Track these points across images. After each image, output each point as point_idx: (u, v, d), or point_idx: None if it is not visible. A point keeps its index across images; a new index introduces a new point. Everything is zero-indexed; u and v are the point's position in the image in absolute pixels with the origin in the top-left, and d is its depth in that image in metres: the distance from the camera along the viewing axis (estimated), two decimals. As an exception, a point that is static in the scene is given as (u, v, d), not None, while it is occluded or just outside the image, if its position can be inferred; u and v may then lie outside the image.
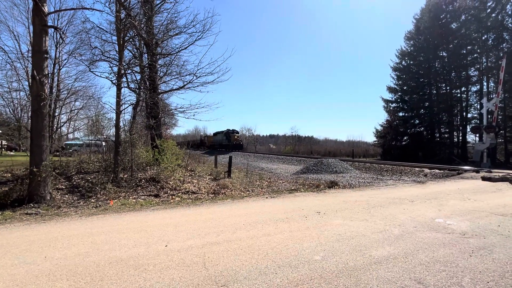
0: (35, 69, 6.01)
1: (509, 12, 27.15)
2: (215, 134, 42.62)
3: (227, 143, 37.48)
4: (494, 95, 17.50)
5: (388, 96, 32.34)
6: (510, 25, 26.61)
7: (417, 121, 30.45)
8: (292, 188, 8.89)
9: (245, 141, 52.08)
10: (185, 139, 60.29)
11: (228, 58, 10.73)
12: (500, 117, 24.52)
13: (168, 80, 11.38)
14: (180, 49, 10.32)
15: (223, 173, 11.75)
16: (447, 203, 6.05)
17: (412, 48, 31.10)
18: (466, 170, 12.32)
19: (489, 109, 16.26)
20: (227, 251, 3.21)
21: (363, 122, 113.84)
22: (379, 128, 32.47)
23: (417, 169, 13.54)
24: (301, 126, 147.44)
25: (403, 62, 31.67)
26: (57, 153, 12.83)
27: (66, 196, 6.92)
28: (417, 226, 4.24)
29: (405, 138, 30.63)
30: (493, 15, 27.08)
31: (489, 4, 27.51)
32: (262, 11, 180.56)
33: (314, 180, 10.61)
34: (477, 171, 11.76)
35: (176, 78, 10.79)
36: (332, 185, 9.05)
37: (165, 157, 9.39)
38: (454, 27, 28.19)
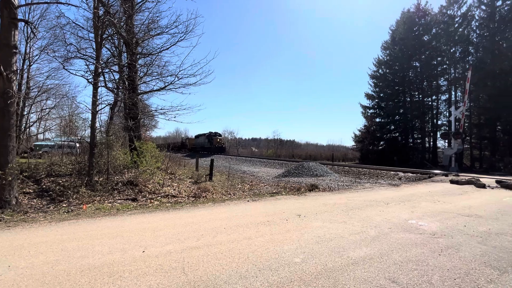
0: (2, 65, 5.62)
1: (474, 28, 29.35)
2: (197, 136, 42.02)
3: (209, 146, 37.05)
4: (461, 104, 18.77)
5: (366, 102, 33.73)
6: (475, 39, 28.77)
7: (393, 127, 31.92)
8: (274, 191, 8.95)
9: (228, 144, 51.78)
10: (165, 141, 58.84)
11: (211, 60, 10.65)
12: (466, 124, 26.32)
13: (149, 81, 11.10)
14: (162, 49, 10.12)
15: (204, 176, 11.59)
16: (419, 205, 6.37)
17: (388, 57, 32.67)
18: (436, 174, 13.07)
19: (457, 117, 17.41)
20: (207, 256, 3.17)
21: (343, 127, 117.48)
22: (358, 133, 33.70)
23: (392, 172, 14.16)
24: (283, 130, 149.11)
25: (380, 70, 33.18)
26: (25, 155, 12.02)
27: (34, 200, 6.49)
28: (391, 227, 4.43)
29: (381, 143, 31.98)
30: (460, 29, 29.16)
31: (456, 19, 29.61)
32: (246, 15, 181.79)
33: (295, 183, 10.75)
34: (446, 175, 12.52)
35: (157, 78, 10.54)
36: (313, 188, 9.22)
37: (144, 160, 9.11)
38: (426, 39, 30.01)
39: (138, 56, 10.85)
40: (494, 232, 4.25)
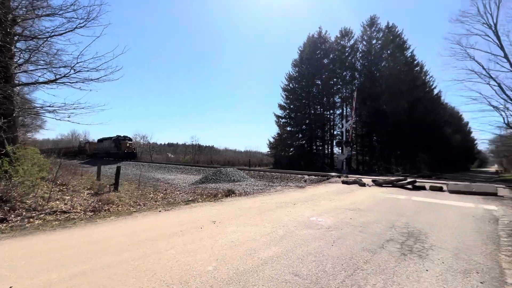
0: None
1: (358, 58, 36.62)
2: (101, 140, 36.40)
3: (116, 151, 32.66)
4: (350, 118, 23.02)
5: (279, 112, 37.03)
6: (359, 67, 35.90)
7: (301, 135, 36.11)
8: (190, 199, 8.62)
9: (139, 150, 46.95)
10: (56, 145, 48.52)
11: (119, 55, 9.28)
12: (353, 134, 32.34)
13: (32, 70, 8.89)
14: (53, 34, 8.33)
15: (108, 186, 10.09)
16: (319, 203, 7.37)
17: (297, 74, 36.98)
18: (332, 176, 15.48)
19: (347, 129, 21.23)
20: (106, 279, 2.73)
21: (260, 134, 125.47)
22: (272, 140, 36.50)
23: (299, 176, 15.92)
24: (202, 135, 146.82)
25: (291, 85, 37.17)
26: None
27: None
28: (297, 226, 4.94)
29: (291, 149, 35.62)
30: (349, 58, 35.85)
31: (347, 49, 36.28)
32: (170, 19, 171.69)
33: (212, 190, 10.66)
34: (339, 176, 14.99)
35: (45, 68, 8.57)
36: (229, 193, 9.37)
37: (21, 169, 7.19)
38: (325, 62, 35.56)
39: (17, 38, 8.61)
40: (369, 222, 5.32)
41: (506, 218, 5.88)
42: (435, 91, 38.25)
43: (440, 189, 10.16)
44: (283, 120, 36.88)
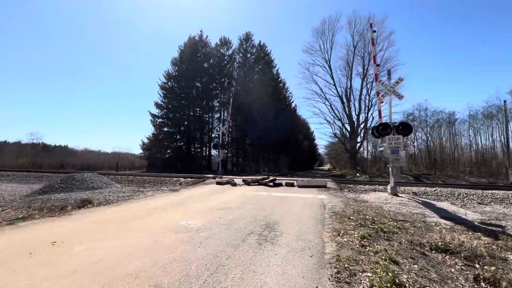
0: None
1: (235, 67, 39.68)
2: None
3: None
4: (226, 122, 24.53)
5: (156, 111, 34.35)
6: (236, 76, 38.90)
7: (179, 137, 34.97)
8: (20, 216, 6.40)
9: None
10: None
11: None
12: (229, 138, 34.60)
13: None
14: None
15: None
16: (192, 206, 7.32)
17: (177, 73, 35.67)
18: (208, 177, 15.88)
19: (223, 132, 22.45)
20: None
21: (132, 134, 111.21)
22: (146, 141, 33.30)
23: (175, 178, 15.32)
24: (48, 132, 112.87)
25: (169, 83, 35.37)
26: None
27: None
28: (165, 232, 4.66)
29: (168, 151, 33.83)
30: (228, 66, 38.24)
31: (226, 57, 38.46)
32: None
33: (59, 201, 8.42)
34: (214, 178, 15.60)
35: None
36: (84, 204, 7.70)
37: None
38: (206, 66, 36.30)
39: None
40: (237, 218, 5.78)
41: (330, 204, 7.96)
42: (293, 105, 47.26)
43: (292, 185, 12.52)
44: (160, 120, 34.52)
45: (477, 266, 4.05)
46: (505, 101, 22.27)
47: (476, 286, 3.45)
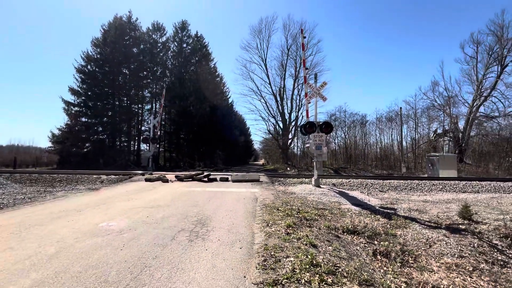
0: None
1: (170, 56, 37.30)
2: None
3: None
4: (158, 115, 22.86)
5: (70, 98, 29.30)
6: (170, 65, 36.58)
7: (101, 129, 30.84)
8: None
9: None
10: None
11: None
12: (162, 131, 32.46)
13: None
14: None
15: None
16: (114, 205, 6.60)
17: (99, 56, 31.18)
18: (136, 174, 14.56)
19: (155, 125, 20.88)
20: None
21: (37, 124, 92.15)
22: (57, 132, 28.20)
23: (95, 176, 13.50)
24: None
25: (89, 67, 30.69)
26: None
27: None
28: (78, 237, 4.08)
29: (87, 144, 29.50)
30: (161, 54, 35.60)
31: (159, 45, 35.77)
32: None
33: None
34: (143, 174, 14.40)
35: None
36: (-38, 210, 6.06)
37: None
38: (135, 51, 32.89)
39: None
40: (166, 216, 5.49)
41: (261, 197, 8.35)
42: (230, 100, 47.35)
43: (226, 180, 12.61)
44: (77, 108, 29.60)
45: (376, 242, 4.91)
46: (400, 108, 27.44)
47: (374, 258, 4.18)
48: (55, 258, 3.27)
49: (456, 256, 4.53)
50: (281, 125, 38.96)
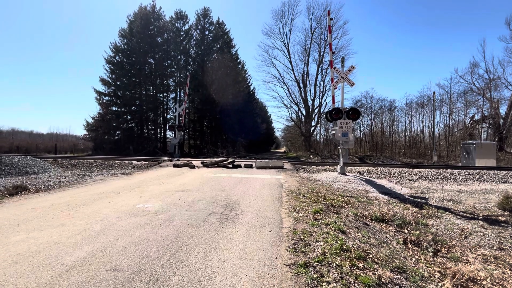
0: None
1: (192, 45, 37.53)
2: None
3: None
4: (183, 103, 23.45)
5: (102, 88, 30.93)
6: (193, 54, 36.89)
7: (129, 117, 32.35)
8: None
9: None
10: None
11: None
12: (186, 119, 33.33)
13: None
14: None
15: None
16: (147, 189, 7.02)
17: (126, 46, 32.25)
18: (164, 160, 15.24)
19: (180, 113, 21.45)
20: None
21: (73, 112, 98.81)
22: (91, 120, 30.07)
23: (126, 162, 14.34)
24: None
25: (117, 57, 31.93)
26: None
27: None
28: (119, 216, 4.43)
29: (117, 132, 31.19)
30: (184, 43, 35.93)
31: (182, 33, 36.07)
32: None
33: (-17, 188, 7.25)
34: (171, 160, 15.04)
35: None
36: (18, 190, 6.79)
37: None
38: (159, 41, 33.50)
39: None
40: (196, 199, 5.75)
41: (286, 183, 8.41)
42: (251, 87, 47.12)
43: (251, 166, 12.79)
44: (107, 98, 31.26)
45: (406, 231, 4.79)
46: (434, 92, 25.61)
47: (404, 247, 4.10)
48: (102, 234, 3.60)
49: (494, 248, 4.31)
50: (303, 112, 38.28)
